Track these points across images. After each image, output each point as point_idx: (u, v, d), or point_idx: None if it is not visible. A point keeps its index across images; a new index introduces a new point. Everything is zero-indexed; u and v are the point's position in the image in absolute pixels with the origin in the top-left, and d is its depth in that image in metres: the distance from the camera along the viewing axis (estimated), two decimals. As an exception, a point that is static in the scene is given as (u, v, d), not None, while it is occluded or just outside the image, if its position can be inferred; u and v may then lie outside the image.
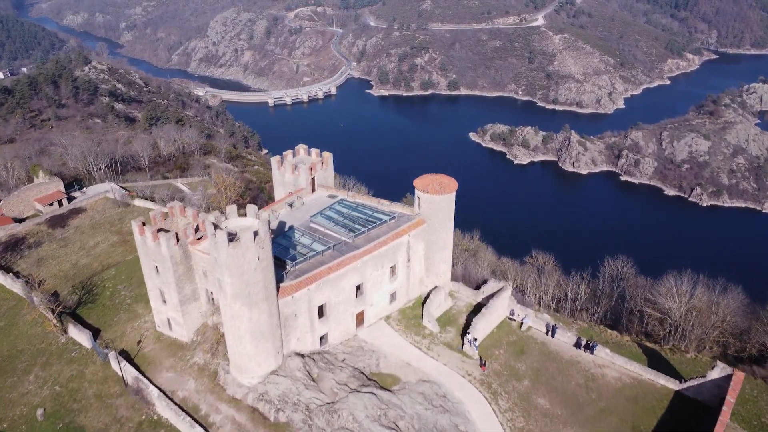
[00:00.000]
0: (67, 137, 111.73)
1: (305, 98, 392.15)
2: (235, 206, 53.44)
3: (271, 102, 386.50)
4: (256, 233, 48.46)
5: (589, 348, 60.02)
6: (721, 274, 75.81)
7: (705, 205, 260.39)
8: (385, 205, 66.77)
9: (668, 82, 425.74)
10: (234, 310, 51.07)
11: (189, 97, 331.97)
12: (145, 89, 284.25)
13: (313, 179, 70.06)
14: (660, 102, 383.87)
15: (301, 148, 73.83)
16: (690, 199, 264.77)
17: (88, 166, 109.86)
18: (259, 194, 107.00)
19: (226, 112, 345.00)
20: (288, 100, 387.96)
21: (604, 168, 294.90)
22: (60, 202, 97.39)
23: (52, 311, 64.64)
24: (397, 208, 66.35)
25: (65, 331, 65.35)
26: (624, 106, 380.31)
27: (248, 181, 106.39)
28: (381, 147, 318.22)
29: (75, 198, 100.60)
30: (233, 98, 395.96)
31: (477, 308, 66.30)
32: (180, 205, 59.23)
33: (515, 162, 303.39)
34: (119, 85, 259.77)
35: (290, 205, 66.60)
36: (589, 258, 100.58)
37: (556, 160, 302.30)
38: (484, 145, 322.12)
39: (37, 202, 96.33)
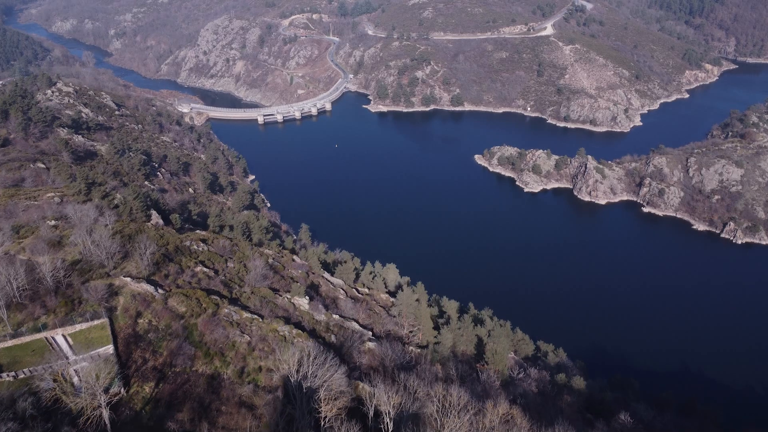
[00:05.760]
0: None
1: (298, 115, 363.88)
2: None
3: (261, 120, 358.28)
4: None
5: None
6: None
7: (740, 242, 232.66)
8: None
9: (687, 95, 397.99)
10: None
11: (169, 118, 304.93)
12: (116, 113, 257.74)
13: None
14: (680, 119, 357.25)
15: None
16: (722, 235, 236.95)
17: None
18: (181, 346, 75.81)
19: (210, 134, 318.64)
20: (279, 118, 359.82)
21: (624, 197, 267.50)
22: None
23: None
24: None
25: None
26: (641, 124, 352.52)
27: (172, 316, 76.22)
28: (378, 171, 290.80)
29: None
30: (220, 115, 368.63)
31: None
32: None
33: (526, 190, 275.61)
34: (86, 110, 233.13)
35: None
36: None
37: (571, 187, 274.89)
38: (491, 169, 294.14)
39: None
